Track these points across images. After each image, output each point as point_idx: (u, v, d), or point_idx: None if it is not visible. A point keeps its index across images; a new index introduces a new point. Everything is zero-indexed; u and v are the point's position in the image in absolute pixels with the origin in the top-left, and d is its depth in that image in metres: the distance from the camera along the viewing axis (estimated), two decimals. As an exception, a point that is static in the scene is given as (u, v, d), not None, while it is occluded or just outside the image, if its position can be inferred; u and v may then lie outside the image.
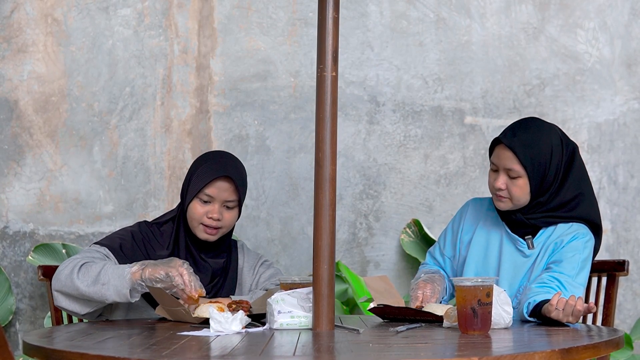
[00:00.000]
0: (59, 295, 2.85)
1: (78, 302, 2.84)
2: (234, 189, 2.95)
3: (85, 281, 2.78)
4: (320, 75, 2.50)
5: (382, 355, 2.03)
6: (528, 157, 2.83)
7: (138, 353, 2.03)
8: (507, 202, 2.88)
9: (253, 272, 3.09)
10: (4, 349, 1.97)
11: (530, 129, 2.89)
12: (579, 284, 2.79)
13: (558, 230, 2.88)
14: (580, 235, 2.86)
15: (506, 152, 2.85)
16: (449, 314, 2.56)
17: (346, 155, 3.89)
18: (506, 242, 2.93)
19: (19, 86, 3.85)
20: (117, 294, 2.76)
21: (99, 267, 2.80)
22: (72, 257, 2.90)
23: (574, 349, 2.10)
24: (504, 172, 2.86)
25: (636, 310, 3.90)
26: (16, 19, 3.86)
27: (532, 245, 2.88)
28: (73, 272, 2.80)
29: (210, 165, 2.96)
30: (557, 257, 2.83)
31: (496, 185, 2.87)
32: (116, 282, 2.75)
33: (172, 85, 3.88)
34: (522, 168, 2.83)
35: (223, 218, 2.94)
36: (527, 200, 2.87)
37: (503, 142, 2.85)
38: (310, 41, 3.88)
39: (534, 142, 2.86)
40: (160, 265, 2.74)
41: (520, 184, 2.85)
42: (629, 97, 3.93)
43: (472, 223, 3.02)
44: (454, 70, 3.92)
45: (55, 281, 2.85)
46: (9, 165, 3.84)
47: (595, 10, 3.93)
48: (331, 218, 2.48)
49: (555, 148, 2.87)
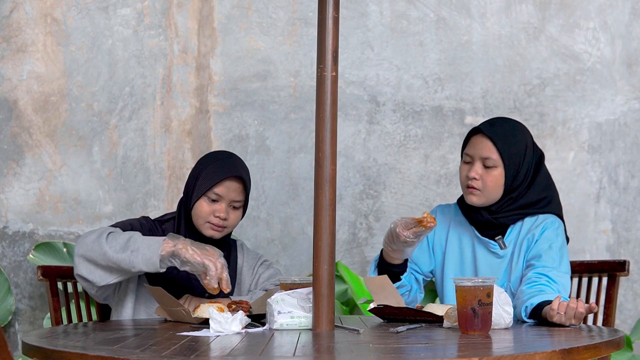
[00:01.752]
0: (82, 261, 2.80)
1: (100, 270, 2.79)
2: (242, 190, 2.96)
3: (114, 247, 2.75)
4: (320, 75, 2.50)
5: (382, 355, 2.02)
6: (506, 147, 2.85)
7: (138, 353, 2.03)
8: (479, 195, 2.87)
9: (252, 272, 3.09)
10: (4, 349, 1.96)
11: (507, 124, 2.94)
12: (565, 272, 2.80)
13: (526, 224, 2.89)
14: (548, 224, 2.87)
15: (485, 140, 2.86)
16: (449, 314, 2.56)
17: (346, 155, 3.89)
18: (478, 247, 2.93)
19: (18, 86, 3.85)
20: (145, 263, 2.73)
21: (129, 234, 2.78)
22: (90, 232, 2.87)
23: (575, 349, 2.10)
24: (479, 161, 2.86)
25: (637, 311, 3.90)
26: (15, 18, 3.85)
27: (504, 245, 2.88)
28: (101, 237, 2.78)
29: (219, 165, 2.96)
30: (534, 252, 2.83)
31: (470, 175, 2.86)
32: (146, 250, 2.73)
33: (172, 85, 3.88)
34: (500, 157, 2.84)
35: (229, 218, 2.95)
36: (499, 195, 2.87)
37: (483, 130, 2.87)
38: (310, 41, 3.88)
39: (512, 135, 2.89)
40: (197, 250, 2.72)
41: (495, 174, 2.85)
42: (630, 97, 3.93)
43: (443, 230, 3.01)
44: (454, 70, 3.92)
45: (80, 246, 2.80)
46: (8, 165, 3.84)
47: (595, 10, 3.93)
48: (331, 218, 2.47)
49: (529, 147, 2.91)
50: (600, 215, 3.90)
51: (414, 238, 2.78)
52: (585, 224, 3.90)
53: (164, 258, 2.73)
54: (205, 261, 2.70)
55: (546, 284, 2.71)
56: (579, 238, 3.88)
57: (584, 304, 2.54)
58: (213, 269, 2.70)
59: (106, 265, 2.78)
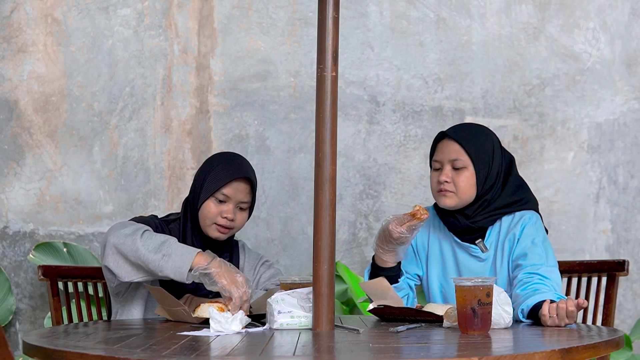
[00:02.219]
0: (113, 252, 2.78)
1: (128, 265, 2.77)
2: (249, 191, 2.97)
3: (148, 246, 2.74)
4: (320, 75, 2.50)
5: (382, 355, 2.03)
6: (474, 147, 2.85)
7: (138, 353, 2.03)
8: (452, 197, 2.85)
9: (254, 272, 3.09)
10: (4, 349, 1.97)
11: (472, 126, 2.94)
12: (553, 265, 2.79)
13: (504, 223, 2.87)
14: (526, 220, 2.85)
15: (452, 143, 2.86)
16: (449, 314, 2.56)
17: (346, 155, 3.89)
18: (459, 252, 2.91)
19: (18, 86, 3.85)
20: (174, 270, 2.71)
21: (164, 237, 2.77)
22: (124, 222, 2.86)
23: (574, 349, 2.10)
24: (448, 164, 2.85)
25: (636, 310, 3.90)
26: (16, 18, 3.86)
27: (486, 248, 2.86)
28: (136, 233, 2.76)
29: (227, 166, 2.96)
30: (518, 251, 2.82)
31: (441, 179, 2.84)
32: (177, 258, 2.71)
33: (172, 85, 3.88)
34: (468, 157, 2.84)
35: (236, 219, 2.95)
36: (472, 196, 2.85)
37: (448, 134, 2.87)
38: (310, 41, 3.88)
39: (478, 136, 2.89)
40: (227, 276, 2.69)
41: (466, 174, 2.84)
42: (629, 97, 3.93)
43: (424, 234, 2.99)
44: (454, 70, 3.92)
45: (114, 236, 2.78)
46: (8, 165, 3.84)
47: (595, 10, 3.93)
48: (331, 218, 2.48)
49: (497, 147, 2.90)
50: (600, 215, 3.90)
51: (408, 234, 2.77)
52: (585, 224, 3.90)
53: (193, 271, 2.71)
54: (233, 290, 2.68)
55: (539, 282, 2.71)
56: (578, 238, 3.88)
57: (573, 301, 2.53)
58: (238, 300, 2.68)
59: (135, 262, 2.76)
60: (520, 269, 2.78)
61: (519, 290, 2.72)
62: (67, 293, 3.22)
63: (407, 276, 2.98)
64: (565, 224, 3.89)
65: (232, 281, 2.69)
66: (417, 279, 3.02)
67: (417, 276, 3.01)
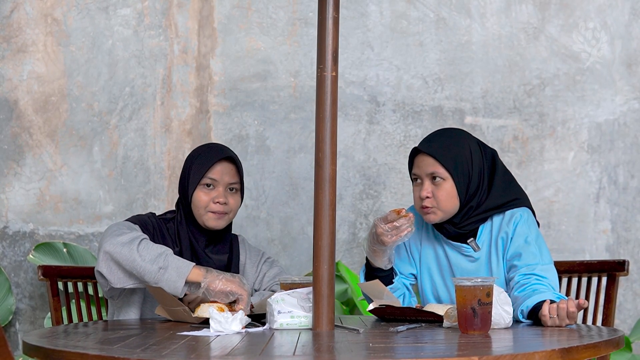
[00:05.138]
0: (107, 258, 2.77)
1: (121, 272, 2.78)
2: (235, 171, 2.99)
3: (144, 256, 2.74)
4: (320, 75, 2.50)
5: (382, 355, 2.03)
6: (449, 158, 2.80)
7: (138, 353, 2.03)
8: (435, 212, 2.81)
9: (256, 269, 3.10)
10: (4, 349, 1.97)
11: (445, 135, 2.88)
12: (548, 262, 2.77)
13: (495, 223, 2.84)
14: (517, 218, 2.82)
15: (426, 158, 2.82)
16: (449, 314, 2.56)
17: (346, 155, 3.89)
18: (451, 253, 2.89)
19: (18, 86, 3.85)
20: (169, 284, 2.71)
21: (161, 249, 2.77)
22: (121, 225, 2.87)
23: (574, 349, 2.10)
24: (427, 178, 2.81)
25: (636, 311, 3.90)
26: (16, 18, 3.86)
27: (478, 247, 2.84)
28: (133, 242, 2.76)
29: (208, 152, 3.00)
30: (512, 251, 2.80)
31: (422, 195, 2.81)
32: (173, 272, 2.72)
33: (172, 85, 3.89)
34: (445, 170, 2.79)
35: (229, 202, 2.96)
36: (456, 207, 2.82)
37: (421, 149, 2.82)
38: (310, 41, 3.88)
39: (452, 145, 2.83)
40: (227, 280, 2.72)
41: (446, 187, 2.80)
42: (629, 97, 3.93)
43: (416, 234, 2.96)
44: (454, 70, 3.92)
45: (110, 243, 2.77)
46: (8, 165, 3.84)
47: (595, 10, 3.93)
48: (331, 218, 2.48)
49: (475, 151, 2.84)
50: (600, 215, 3.90)
51: (390, 231, 2.75)
52: (585, 223, 3.90)
53: (189, 285, 2.73)
54: (239, 290, 2.71)
55: (537, 282, 2.70)
56: (578, 238, 3.88)
57: (574, 302, 2.53)
58: (247, 297, 2.72)
59: (129, 270, 2.77)
60: (515, 270, 2.77)
61: (517, 292, 2.71)
62: (67, 293, 3.22)
63: (402, 276, 2.97)
64: (565, 224, 3.89)
65: (236, 283, 2.72)
66: (412, 279, 3.01)
67: (412, 276, 3.00)
